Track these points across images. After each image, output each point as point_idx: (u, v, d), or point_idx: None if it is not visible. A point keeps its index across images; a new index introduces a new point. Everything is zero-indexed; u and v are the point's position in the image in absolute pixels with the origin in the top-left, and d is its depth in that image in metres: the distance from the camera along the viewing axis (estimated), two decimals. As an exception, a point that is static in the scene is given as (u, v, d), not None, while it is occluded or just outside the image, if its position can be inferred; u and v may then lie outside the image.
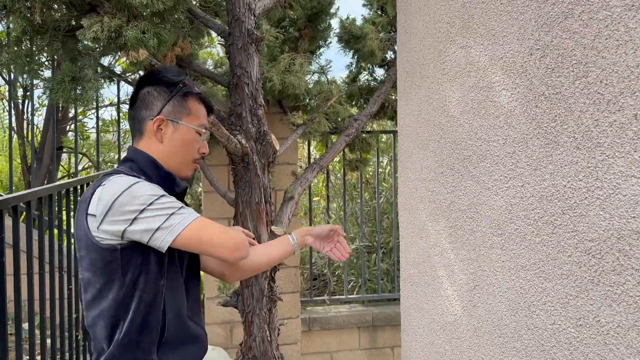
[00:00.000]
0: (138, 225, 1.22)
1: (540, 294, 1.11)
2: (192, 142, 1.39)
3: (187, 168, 1.41)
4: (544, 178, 1.08)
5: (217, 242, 1.29)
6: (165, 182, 1.36)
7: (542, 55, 1.07)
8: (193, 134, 1.39)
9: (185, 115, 1.38)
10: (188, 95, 1.39)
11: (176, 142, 1.37)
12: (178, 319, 1.34)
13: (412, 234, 1.73)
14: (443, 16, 1.46)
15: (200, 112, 1.41)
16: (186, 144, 1.38)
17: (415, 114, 1.66)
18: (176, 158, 1.38)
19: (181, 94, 1.38)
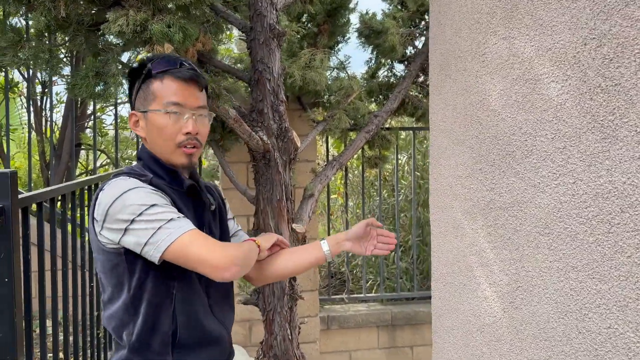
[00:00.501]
0: (129, 237, 1.19)
1: (594, 296, 1.05)
2: (164, 127, 1.26)
3: (176, 155, 1.29)
4: (599, 174, 1.02)
5: (203, 259, 1.18)
6: (171, 178, 1.32)
7: (598, 45, 1.02)
8: (163, 117, 1.27)
9: (151, 101, 1.28)
10: (150, 79, 1.28)
11: (152, 132, 1.29)
12: (192, 320, 1.28)
13: (445, 233, 1.68)
14: (482, 6, 1.41)
15: (165, 91, 1.27)
16: (160, 130, 1.27)
17: (450, 108, 1.60)
18: (159, 148, 1.30)
19: (146, 80, 1.28)
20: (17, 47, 2.12)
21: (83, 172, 4.68)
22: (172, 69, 1.27)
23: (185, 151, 1.28)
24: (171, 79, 1.27)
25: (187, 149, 1.28)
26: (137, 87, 1.31)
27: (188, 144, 1.28)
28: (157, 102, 1.27)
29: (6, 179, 1.54)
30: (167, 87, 1.27)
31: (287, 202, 2.98)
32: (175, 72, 1.27)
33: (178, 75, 1.27)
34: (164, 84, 1.27)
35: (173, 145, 1.28)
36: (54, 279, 2.01)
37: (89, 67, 2.13)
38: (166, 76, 1.27)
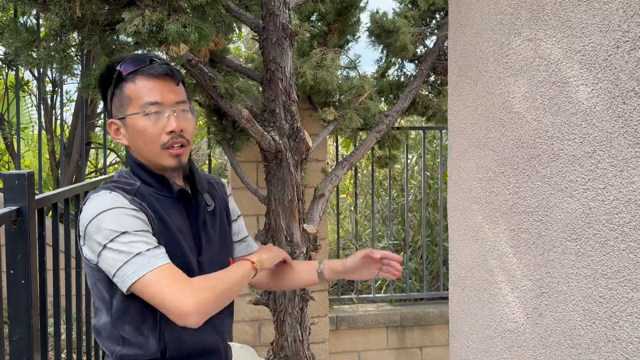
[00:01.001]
0: (102, 263, 1.14)
1: (625, 304, 1.03)
2: (145, 128, 1.18)
3: (162, 158, 1.21)
4: (632, 180, 1.00)
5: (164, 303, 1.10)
6: (160, 184, 1.24)
7: (631, 48, 0.99)
8: (141, 120, 1.18)
9: (127, 106, 1.20)
10: (122, 82, 1.20)
11: (134, 138, 1.21)
12: (182, 336, 1.23)
13: (464, 236, 1.66)
14: (506, 7, 1.38)
15: (139, 91, 1.19)
16: (141, 133, 1.19)
17: (471, 110, 1.58)
18: (144, 153, 1.22)
19: (117, 86, 1.21)
20: (31, 47, 2.11)
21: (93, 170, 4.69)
22: (143, 67, 1.19)
23: (172, 152, 1.21)
24: (143, 78, 1.19)
25: (173, 149, 1.20)
26: (110, 93, 1.23)
27: (174, 144, 1.20)
28: (134, 106, 1.20)
29: (24, 181, 1.53)
30: (140, 87, 1.19)
31: (299, 202, 2.97)
32: (146, 69, 1.19)
33: (150, 72, 1.19)
34: (137, 84, 1.19)
35: (158, 147, 1.20)
36: (68, 279, 2.00)
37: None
38: (138, 76, 1.19)
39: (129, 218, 1.14)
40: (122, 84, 1.21)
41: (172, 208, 1.24)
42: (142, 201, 1.19)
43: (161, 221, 1.20)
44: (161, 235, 1.19)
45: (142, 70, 1.19)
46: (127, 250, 1.11)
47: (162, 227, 1.20)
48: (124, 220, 1.13)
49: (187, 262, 1.23)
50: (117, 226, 1.12)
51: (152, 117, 1.18)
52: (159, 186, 1.24)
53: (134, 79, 1.19)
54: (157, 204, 1.21)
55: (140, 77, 1.19)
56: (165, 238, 1.20)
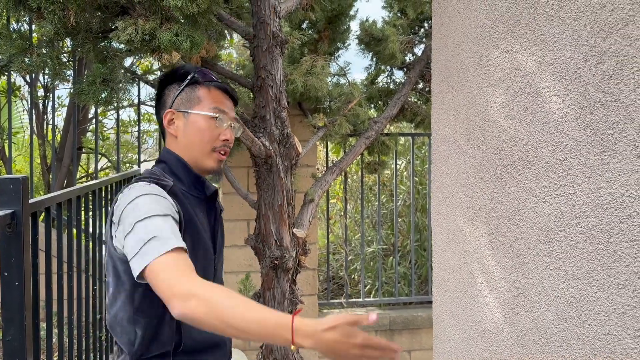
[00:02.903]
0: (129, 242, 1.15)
1: (593, 304, 1.09)
2: (206, 129, 1.31)
3: (209, 159, 1.33)
4: (599, 186, 1.06)
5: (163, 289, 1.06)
6: (196, 185, 1.34)
7: (598, 62, 1.06)
8: (206, 120, 1.31)
9: (196, 104, 1.33)
10: (198, 84, 1.35)
11: (190, 133, 1.32)
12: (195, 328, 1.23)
13: (446, 240, 1.72)
14: (485, 20, 1.45)
15: (212, 97, 1.34)
16: (201, 131, 1.31)
17: (452, 118, 1.65)
18: (194, 150, 1.32)
19: (191, 85, 1.35)
20: (25, 53, 2.15)
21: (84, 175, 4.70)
22: (216, 82, 1.37)
23: (219, 157, 1.34)
24: (217, 89, 1.36)
25: (220, 154, 1.34)
26: (179, 88, 1.36)
27: (222, 150, 1.34)
28: (202, 106, 1.33)
29: (18, 185, 1.57)
30: (214, 94, 1.35)
31: (289, 207, 3.01)
32: (219, 84, 1.37)
33: (223, 87, 1.37)
34: (211, 91, 1.35)
35: (209, 148, 1.32)
36: (60, 283, 2.03)
37: (96, 73, 2.16)
38: (212, 85, 1.36)
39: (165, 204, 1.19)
40: (196, 86, 1.35)
41: (198, 208, 1.34)
42: (174, 199, 1.25)
43: (190, 220, 1.27)
44: (189, 232, 1.26)
45: (216, 83, 1.37)
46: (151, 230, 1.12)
47: (190, 225, 1.27)
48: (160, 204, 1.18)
49: (210, 257, 1.33)
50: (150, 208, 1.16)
51: (214, 122, 1.32)
52: (191, 185, 1.34)
53: (209, 86, 1.35)
54: (187, 203, 1.29)
55: (214, 87, 1.36)
56: (192, 235, 1.27)
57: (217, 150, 1.32)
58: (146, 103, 4.29)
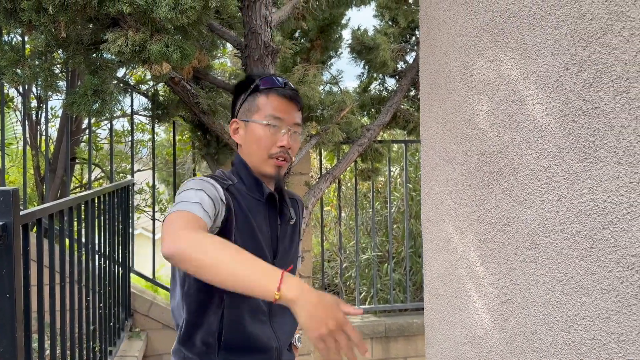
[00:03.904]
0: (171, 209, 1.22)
1: (579, 309, 1.10)
2: (262, 137, 1.36)
3: (266, 165, 1.37)
4: (582, 192, 1.08)
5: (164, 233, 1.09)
6: (255, 187, 1.39)
7: (579, 70, 1.08)
8: (262, 128, 1.36)
9: (255, 113, 1.38)
10: (257, 92, 1.39)
11: (249, 140, 1.39)
12: (238, 325, 1.32)
13: (436, 247, 1.73)
14: (470, 30, 1.47)
15: (269, 105, 1.38)
16: (257, 139, 1.37)
17: (440, 126, 1.66)
18: (253, 157, 1.38)
19: (253, 93, 1.39)
20: (17, 65, 2.15)
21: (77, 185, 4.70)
22: (278, 87, 1.39)
23: (276, 163, 1.37)
24: (275, 95, 1.38)
25: (278, 160, 1.37)
26: (243, 98, 1.41)
27: (279, 157, 1.37)
28: (260, 114, 1.38)
29: (9, 197, 1.57)
30: (271, 101, 1.38)
31: (282, 215, 3.02)
32: (280, 90, 1.39)
33: (282, 93, 1.39)
34: (269, 98, 1.38)
35: (266, 155, 1.37)
36: (52, 294, 2.03)
37: (87, 85, 2.17)
38: (271, 92, 1.39)
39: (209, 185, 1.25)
40: (257, 94, 1.39)
41: (258, 209, 1.38)
42: (230, 196, 1.31)
43: (246, 218, 1.33)
44: (240, 227, 1.30)
45: (276, 89, 1.39)
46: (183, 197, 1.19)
47: (244, 223, 1.32)
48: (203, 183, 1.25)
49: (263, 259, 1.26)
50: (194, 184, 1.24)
51: (271, 129, 1.37)
52: (252, 187, 1.39)
53: (268, 93, 1.39)
54: (244, 202, 1.35)
55: (272, 94, 1.39)
56: (245, 233, 1.31)
57: (274, 157, 1.37)
58: (139, 113, 4.30)
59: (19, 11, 1.94)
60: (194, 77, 2.89)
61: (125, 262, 3.56)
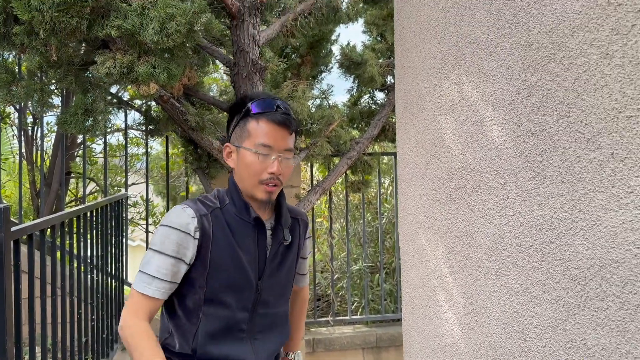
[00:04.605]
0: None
1: (533, 318, 1.17)
2: (252, 163, 1.37)
3: (257, 190, 1.39)
4: (532, 209, 1.15)
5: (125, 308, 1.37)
6: (243, 210, 1.42)
7: (528, 95, 1.16)
8: (252, 155, 1.37)
9: (246, 139, 1.38)
10: (247, 117, 1.39)
11: (240, 166, 1.40)
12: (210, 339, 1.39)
13: (412, 259, 1.80)
14: (437, 53, 1.55)
15: (259, 131, 1.37)
16: (248, 166, 1.38)
17: (414, 143, 1.74)
18: (245, 181, 1.40)
19: (243, 119, 1.40)
20: (11, 85, 2.24)
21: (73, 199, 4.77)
22: (269, 112, 1.38)
23: (266, 188, 1.39)
24: (266, 121, 1.38)
25: (268, 186, 1.39)
26: (235, 122, 1.42)
27: (270, 182, 1.38)
28: (250, 141, 1.38)
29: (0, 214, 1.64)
30: (261, 128, 1.37)
31: (271, 228, 3.09)
32: (270, 115, 1.38)
33: (273, 118, 1.38)
34: (259, 125, 1.38)
35: (257, 181, 1.38)
36: (44, 306, 2.09)
37: (78, 104, 2.25)
38: (262, 118, 1.38)
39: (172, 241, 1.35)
40: (248, 119, 1.39)
41: (246, 231, 1.42)
42: (213, 221, 1.39)
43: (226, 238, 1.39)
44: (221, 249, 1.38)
45: (267, 114, 1.38)
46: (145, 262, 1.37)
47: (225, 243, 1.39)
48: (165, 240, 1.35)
49: (244, 278, 1.41)
50: (158, 240, 1.36)
51: (261, 157, 1.37)
52: (241, 210, 1.42)
53: (259, 119, 1.38)
54: (233, 224, 1.40)
55: (263, 120, 1.38)
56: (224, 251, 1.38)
57: (264, 183, 1.38)
58: (133, 128, 4.38)
59: (12, 35, 2.03)
60: (185, 94, 2.98)
61: (119, 275, 3.62)
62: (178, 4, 1.97)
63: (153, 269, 1.35)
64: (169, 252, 1.35)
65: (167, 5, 1.94)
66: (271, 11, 3.60)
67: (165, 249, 1.35)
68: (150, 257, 1.36)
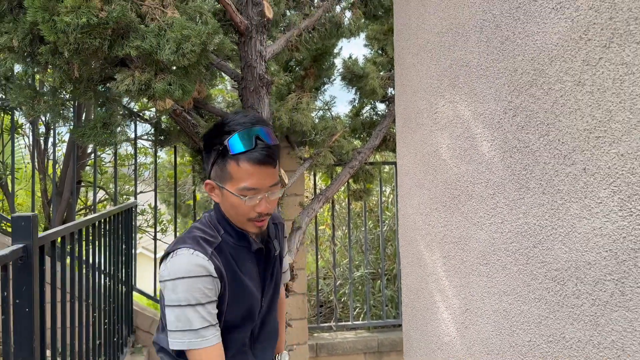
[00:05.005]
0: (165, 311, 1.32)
1: (519, 316, 1.30)
2: (238, 205, 1.30)
3: (247, 226, 1.35)
4: (518, 217, 1.28)
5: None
6: (243, 239, 1.38)
7: (514, 115, 1.29)
8: (237, 198, 1.29)
9: (228, 180, 1.29)
10: (226, 158, 1.27)
11: (226, 204, 1.33)
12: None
13: (411, 263, 1.92)
14: (433, 73, 1.69)
15: (241, 174, 1.26)
16: (233, 206, 1.31)
17: (412, 155, 1.87)
18: (233, 218, 1.35)
19: (221, 158, 1.28)
20: (33, 101, 2.38)
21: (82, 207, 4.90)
22: (247, 152, 1.26)
23: (257, 224, 1.34)
24: (247, 162, 1.26)
25: (257, 222, 1.34)
26: (213, 159, 1.31)
27: (259, 219, 1.34)
28: (233, 184, 1.28)
29: (29, 222, 1.77)
30: (243, 171, 1.27)
31: (276, 235, 3.22)
32: (251, 154, 1.26)
33: (254, 158, 1.26)
34: (240, 167, 1.26)
35: (245, 219, 1.33)
36: (64, 310, 2.22)
37: (97, 118, 2.39)
38: (242, 159, 1.26)
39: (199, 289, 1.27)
40: (226, 159, 1.27)
41: (246, 257, 1.40)
42: (220, 257, 1.32)
43: (235, 274, 1.35)
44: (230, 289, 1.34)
45: (247, 154, 1.26)
46: (184, 321, 1.27)
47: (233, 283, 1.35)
48: (194, 292, 1.27)
49: (255, 302, 1.41)
50: (186, 296, 1.26)
51: (247, 199, 1.29)
52: (240, 239, 1.38)
53: (238, 160, 1.26)
54: (234, 254, 1.36)
55: (244, 161, 1.26)
56: (236, 287, 1.35)
57: (253, 220, 1.33)
58: (142, 138, 4.53)
59: (37, 54, 2.17)
60: (195, 107, 3.12)
61: (128, 281, 3.75)
62: (193, 26, 2.12)
63: (198, 323, 1.27)
64: (203, 300, 1.28)
65: (183, 27, 2.08)
66: (276, 27, 3.75)
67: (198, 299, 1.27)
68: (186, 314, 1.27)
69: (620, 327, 1.00)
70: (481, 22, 1.41)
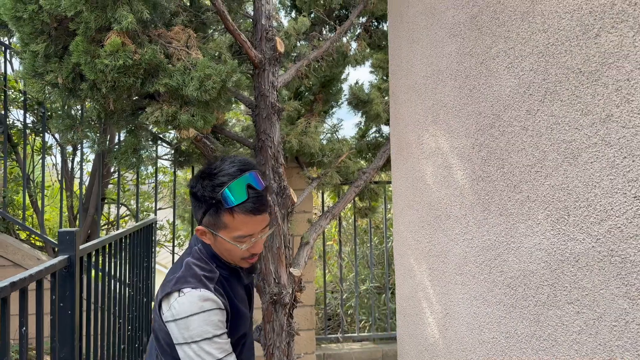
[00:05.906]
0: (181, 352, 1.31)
1: (485, 317, 1.56)
2: (232, 249, 1.36)
3: (240, 263, 1.41)
4: (483, 234, 1.55)
5: None
6: (235, 274, 1.45)
7: (479, 150, 1.56)
8: (231, 245, 1.35)
9: (222, 229, 1.34)
10: (220, 211, 1.32)
11: (219, 247, 1.39)
12: None
13: (404, 275, 2.19)
14: (420, 110, 1.97)
15: (236, 224, 1.32)
16: (227, 250, 1.37)
17: (404, 180, 2.15)
18: (226, 257, 1.41)
19: (215, 208, 1.33)
20: (72, 129, 2.70)
21: (105, 223, 5.23)
22: (242, 204, 1.31)
23: (249, 261, 1.41)
24: (241, 213, 1.31)
25: (250, 259, 1.41)
26: (205, 208, 1.35)
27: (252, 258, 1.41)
28: (228, 232, 1.33)
29: (73, 236, 2.07)
30: (238, 221, 1.32)
31: (286, 249, 3.49)
32: (244, 206, 1.31)
33: (248, 209, 1.31)
34: (234, 218, 1.31)
35: (238, 259, 1.39)
36: (96, 317, 2.51)
37: (127, 144, 2.70)
38: (237, 211, 1.31)
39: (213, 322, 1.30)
40: (220, 210, 1.32)
41: (237, 283, 1.47)
42: (222, 289, 1.38)
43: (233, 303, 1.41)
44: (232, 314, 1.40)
45: (240, 206, 1.31)
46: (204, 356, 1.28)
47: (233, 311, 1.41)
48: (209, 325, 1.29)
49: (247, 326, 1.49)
50: (200, 331, 1.28)
51: (243, 246, 1.35)
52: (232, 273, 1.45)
53: (233, 212, 1.31)
54: (227, 285, 1.42)
55: (238, 212, 1.31)
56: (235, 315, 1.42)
57: (247, 259, 1.39)
58: (162, 158, 4.86)
59: (78, 90, 2.50)
60: (212, 132, 3.43)
61: (148, 292, 4.04)
62: (214, 65, 2.43)
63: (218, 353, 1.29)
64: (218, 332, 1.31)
65: (206, 66, 2.40)
66: (287, 57, 4.07)
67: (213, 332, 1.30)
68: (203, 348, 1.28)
69: (553, 322, 1.26)
70: (455, 72, 1.69)
